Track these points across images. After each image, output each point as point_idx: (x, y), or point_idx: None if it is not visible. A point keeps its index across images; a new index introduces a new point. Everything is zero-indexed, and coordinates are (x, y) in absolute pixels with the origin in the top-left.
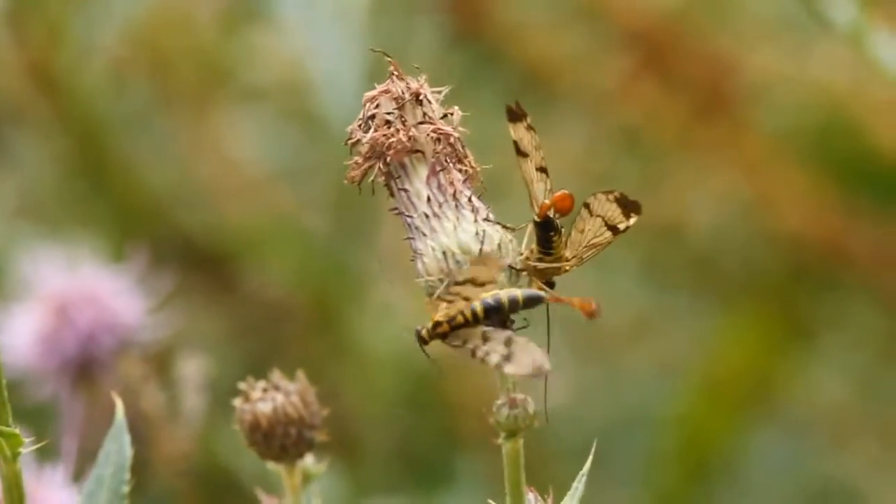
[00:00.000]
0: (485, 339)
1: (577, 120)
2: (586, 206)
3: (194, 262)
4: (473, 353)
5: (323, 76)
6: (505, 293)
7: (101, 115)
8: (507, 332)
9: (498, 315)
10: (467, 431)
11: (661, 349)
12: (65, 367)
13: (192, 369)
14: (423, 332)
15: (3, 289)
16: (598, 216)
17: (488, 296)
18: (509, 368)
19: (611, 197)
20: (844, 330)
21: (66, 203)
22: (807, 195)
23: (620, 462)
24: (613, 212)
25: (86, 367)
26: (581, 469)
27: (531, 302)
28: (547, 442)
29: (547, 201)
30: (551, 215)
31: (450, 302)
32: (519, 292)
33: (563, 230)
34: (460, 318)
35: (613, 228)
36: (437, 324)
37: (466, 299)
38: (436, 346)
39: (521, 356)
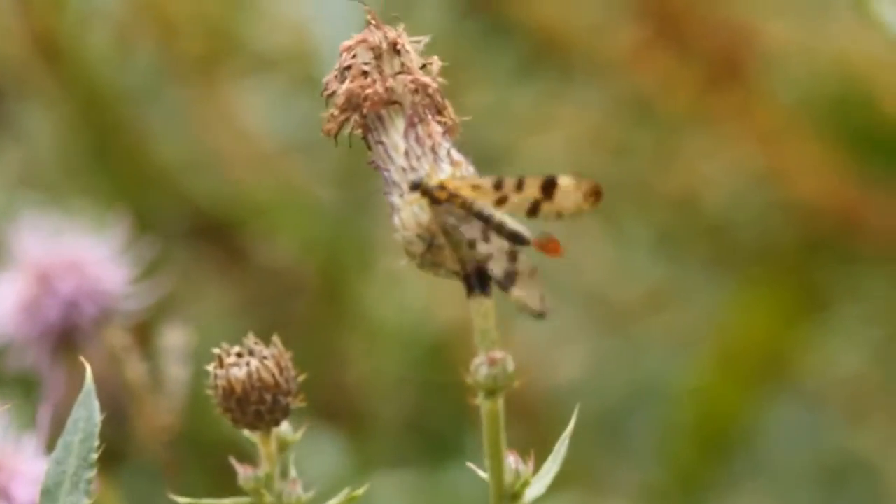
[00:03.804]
0: (485, 236)
1: (590, 90)
2: None
3: (202, 232)
4: (470, 245)
5: (327, 43)
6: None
7: (106, 84)
8: (511, 246)
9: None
10: (477, 403)
11: (675, 322)
12: (46, 335)
13: (176, 339)
14: (427, 183)
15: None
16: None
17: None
18: (516, 291)
19: None
20: (861, 302)
21: (71, 173)
22: (822, 165)
23: (635, 436)
24: None
25: (68, 335)
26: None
27: (514, 236)
28: (561, 416)
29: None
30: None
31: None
32: (508, 218)
33: None
34: (460, 198)
35: None
36: (441, 185)
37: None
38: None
39: (530, 283)
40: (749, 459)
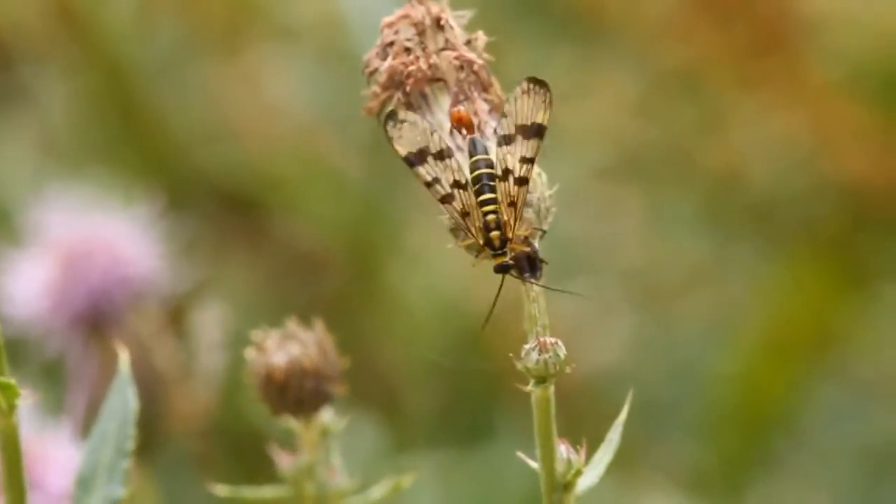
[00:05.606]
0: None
1: (628, 59)
2: None
3: (226, 207)
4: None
5: (355, 14)
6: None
7: (127, 54)
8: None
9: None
10: (510, 383)
11: (718, 299)
12: (75, 320)
13: (210, 322)
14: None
15: (16, 234)
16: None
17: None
18: None
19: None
20: None
21: (90, 145)
22: (869, 137)
23: (676, 417)
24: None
25: (97, 320)
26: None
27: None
28: (602, 398)
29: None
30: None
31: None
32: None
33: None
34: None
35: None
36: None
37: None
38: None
39: None
40: (793, 442)
